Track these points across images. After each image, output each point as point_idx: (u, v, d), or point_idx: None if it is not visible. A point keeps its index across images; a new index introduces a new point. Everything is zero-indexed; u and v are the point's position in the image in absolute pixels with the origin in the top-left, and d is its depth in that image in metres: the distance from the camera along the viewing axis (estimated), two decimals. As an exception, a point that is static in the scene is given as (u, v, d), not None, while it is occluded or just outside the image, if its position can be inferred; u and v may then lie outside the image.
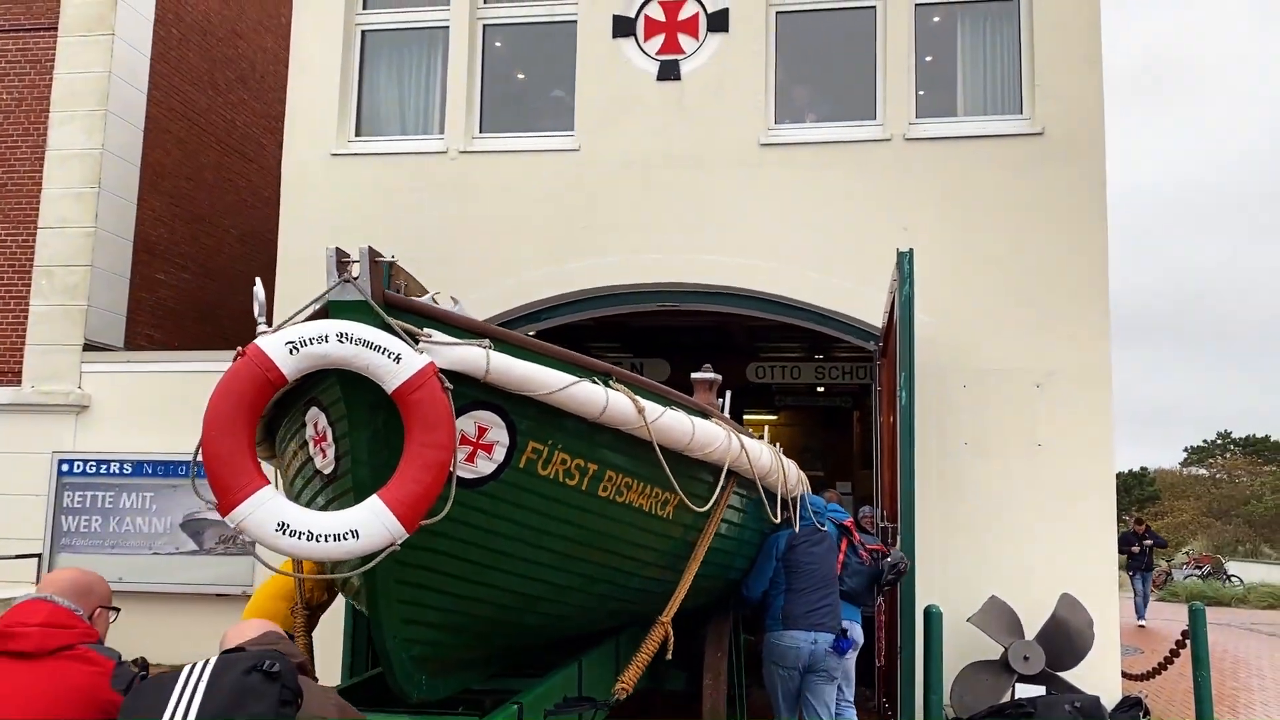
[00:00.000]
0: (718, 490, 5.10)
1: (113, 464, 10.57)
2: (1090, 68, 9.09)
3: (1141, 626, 15.97)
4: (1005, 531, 8.68)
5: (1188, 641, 8.40)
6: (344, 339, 3.40)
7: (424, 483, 3.42)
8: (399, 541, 3.39)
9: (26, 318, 11.27)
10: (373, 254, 3.54)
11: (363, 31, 10.54)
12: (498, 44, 10.46)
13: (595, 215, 9.74)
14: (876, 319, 9.03)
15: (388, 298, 3.58)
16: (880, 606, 8.56)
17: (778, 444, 6.49)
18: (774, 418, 16.48)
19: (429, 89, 10.44)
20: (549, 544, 4.32)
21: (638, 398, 4.38)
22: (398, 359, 3.43)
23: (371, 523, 3.34)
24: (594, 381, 4.20)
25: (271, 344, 3.39)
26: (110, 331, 11.54)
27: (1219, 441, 58.18)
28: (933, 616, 7.29)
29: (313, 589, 5.34)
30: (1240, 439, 57.63)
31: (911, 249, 7.46)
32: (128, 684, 2.79)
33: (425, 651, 4.05)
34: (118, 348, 11.56)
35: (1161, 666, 9.03)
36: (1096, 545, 8.63)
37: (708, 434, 4.87)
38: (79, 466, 10.63)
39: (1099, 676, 8.07)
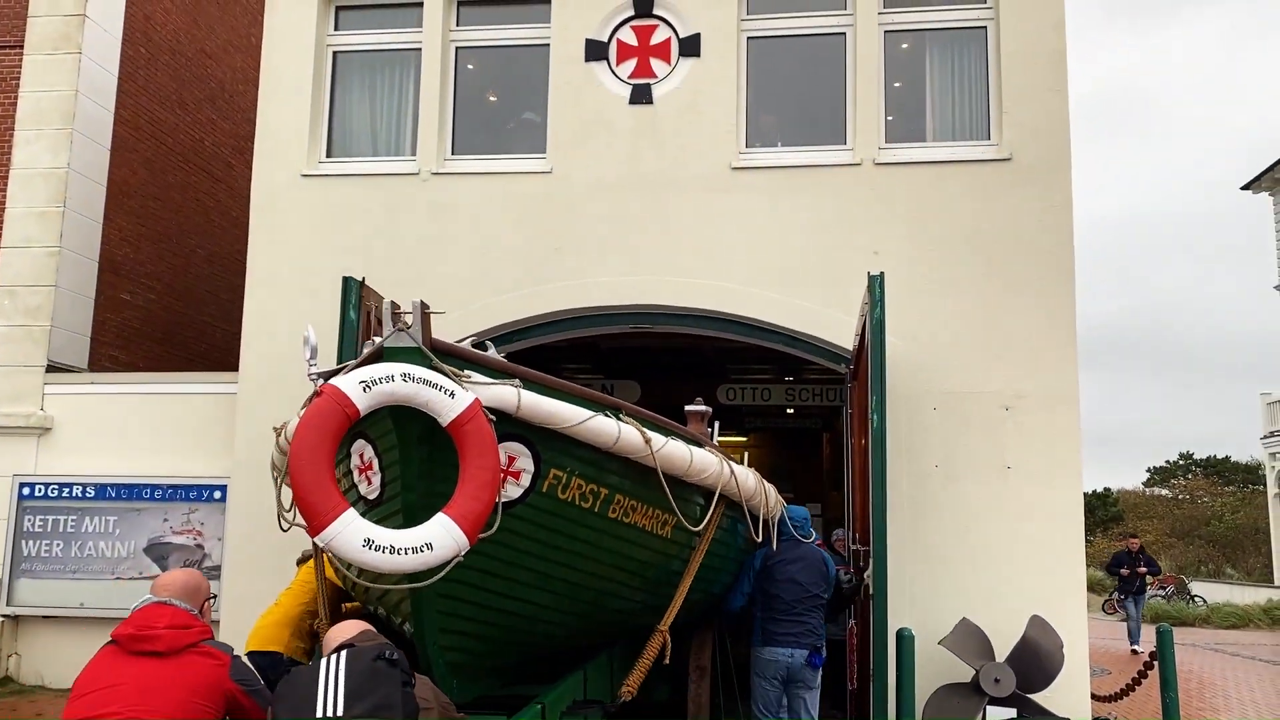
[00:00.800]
0: (710, 511, 5.77)
1: (75, 487, 10.40)
2: (1056, 95, 9.23)
3: (1136, 652, 15.29)
4: (976, 554, 8.72)
5: (1155, 662, 8.49)
6: (407, 379, 3.96)
7: (482, 500, 4.01)
8: (463, 553, 3.94)
9: (-12, 338, 11.09)
10: (423, 307, 4.14)
11: (334, 52, 10.52)
12: (470, 66, 10.47)
13: (567, 237, 9.75)
14: (847, 341, 9.08)
15: (435, 343, 4.17)
16: (852, 629, 8.58)
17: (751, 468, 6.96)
18: (743, 439, 16.54)
19: (401, 110, 10.43)
20: (566, 560, 4.95)
21: (645, 429, 5.06)
22: (452, 395, 4.02)
23: (443, 537, 3.89)
24: (607, 415, 4.89)
25: (347, 383, 3.94)
26: (73, 352, 11.38)
27: (1181, 462, 58.93)
28: (904, 639, 7.30)
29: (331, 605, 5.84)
30: (1201, 459, 58.41)
31: (883, 272, 7.52)
32: (244, 675, 3.44)
33: (457, 658, 4.66)
34: (81, 369, 11.39)
35: (1129, 688, 9.11)
36: (1066, 567, 8.69)
37: (703, 461, 5.57)
38: (40, 490, 10.44)
39: (1069, 698, 8.11)
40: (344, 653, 3.20)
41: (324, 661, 3.17)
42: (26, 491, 10.45)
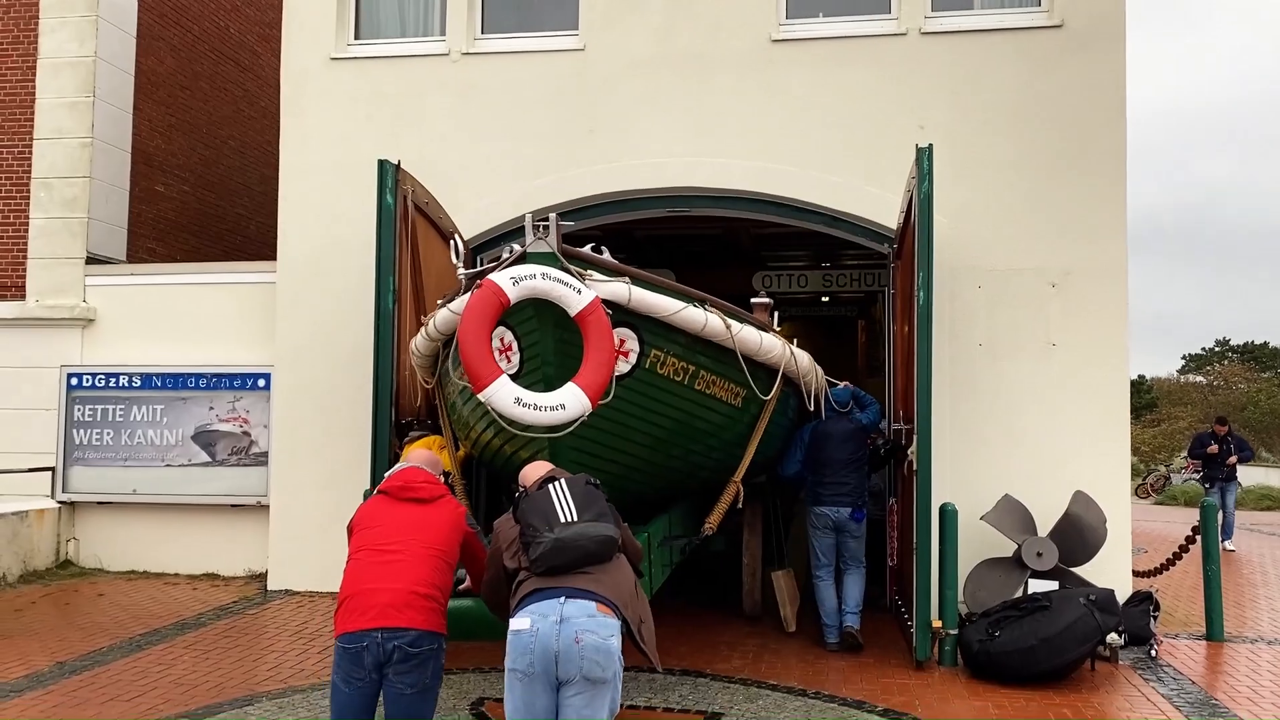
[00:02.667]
0: (775, 385, 6.92)
1: (121, 377, 10.54)
2: (1111, -44, 8.82)
3: (1230, 551, 13.14)
4: (1018, 432, 8.70)
5: (1197, 538, 8.50)
6: (545, 277, 5.04)
7: (601, 374, 5.12)
8: (587, 413, 5.05)
9: (27, 231, 11.12)
10: (558, 220, 5.30)
11: (359, -71, 10.20)
12: (498, -60, 10.14)
13: (601, 118, 9.55)
14: (891, 220, 8.92)
15: (565, 250, 5.26)
16: (892, 507, 8.63)
17: None
18: (778, 329, 16.44)
19: (428, -11, 10.16)
20: (662, 422, 6.09)
21: (726, 318, 6.26)
22: (579, 291, 5.11)
23: (572, 400, 5.01)
24: (697, 306, 6.03)
25: (501, 279, 4.98)
26: (112, 245, 11.40)
27: (1216, 349, 58.33)
28: (947, 514, 7.32)
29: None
30: (1238, 345, 57.77)
31: (931, 145, 7.31)
32: (471, 522, 4.48)
33: None
34: (120, 261, 11.43)
35: (1169, 563, 9.15)
36: (1109, 444, 8.65)
37: (770, 343, 6.78)
38: (88, 380, 10.60)
39: (1110, 573, 8.14)
40: (563, 479, 4.05)
41: (551, 487, 3.99)
42: (74, 382, 10.61)
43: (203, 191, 13.28)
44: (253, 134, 14.41)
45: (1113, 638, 7.16)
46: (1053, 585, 7.79)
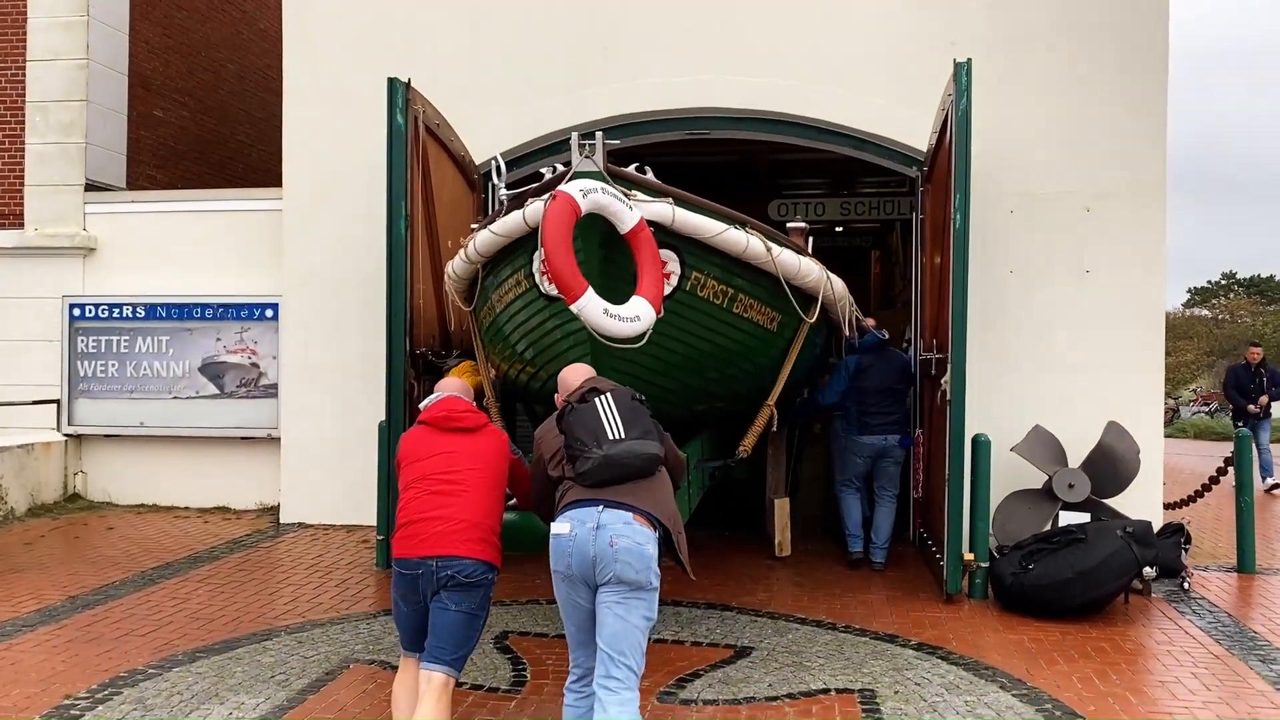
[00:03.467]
0: (816, 307, 6.80)
1: (125, 307, 10.28)
2: None
3: (1274, 491, 12.36)
4: (1049, 361, 8.46)
5: (1229, 468, 8.32)
6: (605, 193, 5.06)
7: (659, 286, 5.26)
8: (652, 324, 5.16)
9: (23, 158, 10.78)
10: (604, 139, 5.28)
11: None
12: None
13: (616, 36, 9.16)
14: (920, 142, 8.58)
15: (610, 169, 5.27)
16: (918, 439, 8.43)
17: None
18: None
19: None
20: (699, 346, 6.08)
21: (768, 240, 6.16)
22: (631, 209, 5.18)
23: (645, 310, 5.14)
24: (738, 228, 5.95)
25: (573, 190, 4.95)
26: (111, 171, 11.07)
27: (1223, 282, 57.95)
28: (980, 445, 7.11)
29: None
30: (1244, 279, 57.38)
31: (970, 59, 6.96)
32: (513, 448, 4.49)
33: None
34: (120, 188, 11.10)
35: (1199, 493, 8.98)
36: (1143, 372, 8.44)
37: (808, 267, 6.65)
38: (90, 310, 10.34)
39: (1140, 505, 7.97)
40: (609, 393, 4.00)
41: (597, 401, 3.94)
42: (77, 313, 10.36)
43: (202, 117, 12.89)
44: (252, 58, 13.97)
45: (1147, 571, 6.99)
46: (1084, 517, 7.62)
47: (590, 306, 4.94)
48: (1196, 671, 5.59)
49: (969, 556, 6.96)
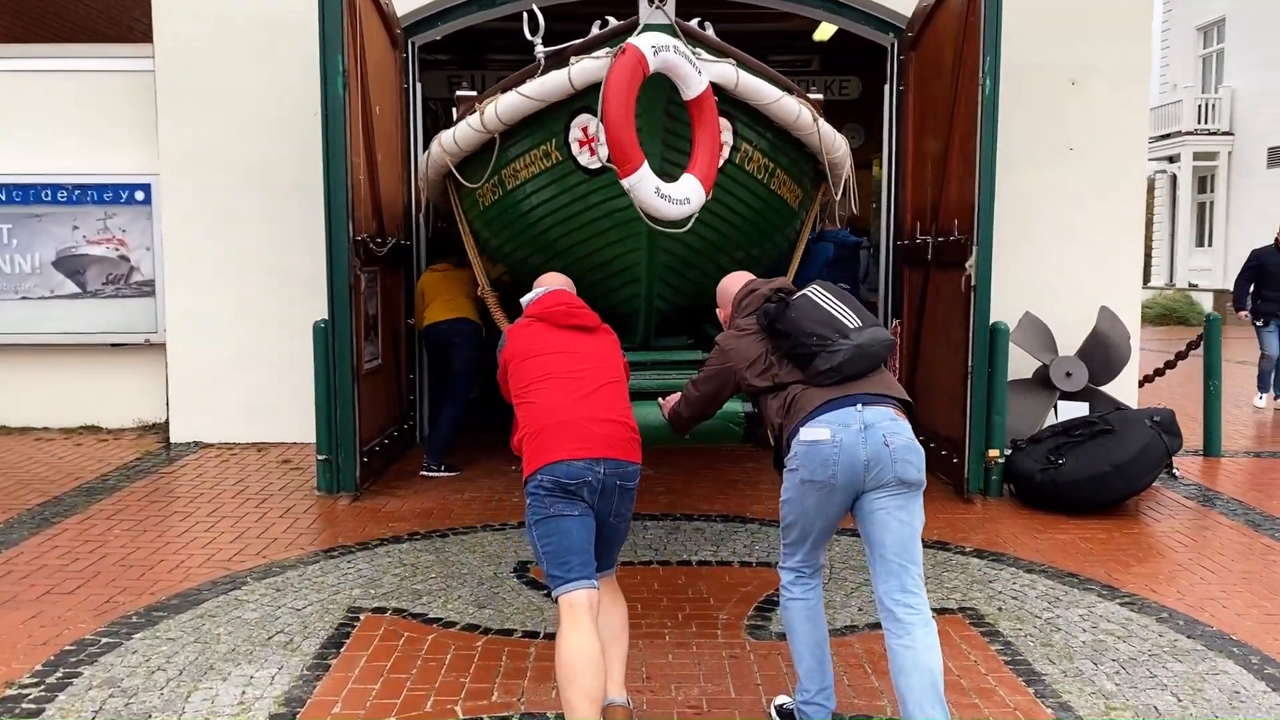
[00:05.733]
0: (843, 180, 6.34)
1: (-50, 190, 8.42)
2: None
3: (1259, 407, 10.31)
4: (1032, 244, 8.03)
5: (1200, 344, 8.22)
6: (675, 50, 4.52)
7: (713, 164, 4.76)
8: (700, 207, 4.67)
9: None
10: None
11: None
12: None
13: None
14: (901, 5, 7.84)
15: (676, 25, 4.79)
16: (896, 329, 7.93)
17: None
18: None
19: None
20: (739, 224, 5.70)
21: (817, 112, 5.80)
22: (699, 71, 4.65)
23: (695, 191, 4.61)
24: (790, 97, 5.56)
25: (643, 45, 4.41)
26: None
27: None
28: (999, 334, 6.61)
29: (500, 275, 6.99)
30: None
31: (999, -98, 6.22)
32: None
33: (663, 303, 5.73)
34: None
35: (1161, 371, 8.91)
36: (1124, 254, 8.16)
37: (839, 142, 6.18)
38: (-96, 194, 8.43)
39: (1118, 388, 7.75)
40: (818, 285, 3.50)
41: (811, 294, 3.44)
42: (-115, 197, 8.43)
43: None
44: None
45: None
46: (1082, 407, 7.33)
47: (643, 184, 4.41)
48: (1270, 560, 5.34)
49: (994, 453, 6.50)
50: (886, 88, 8.36)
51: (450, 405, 7.19)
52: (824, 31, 11.80)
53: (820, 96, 6.91)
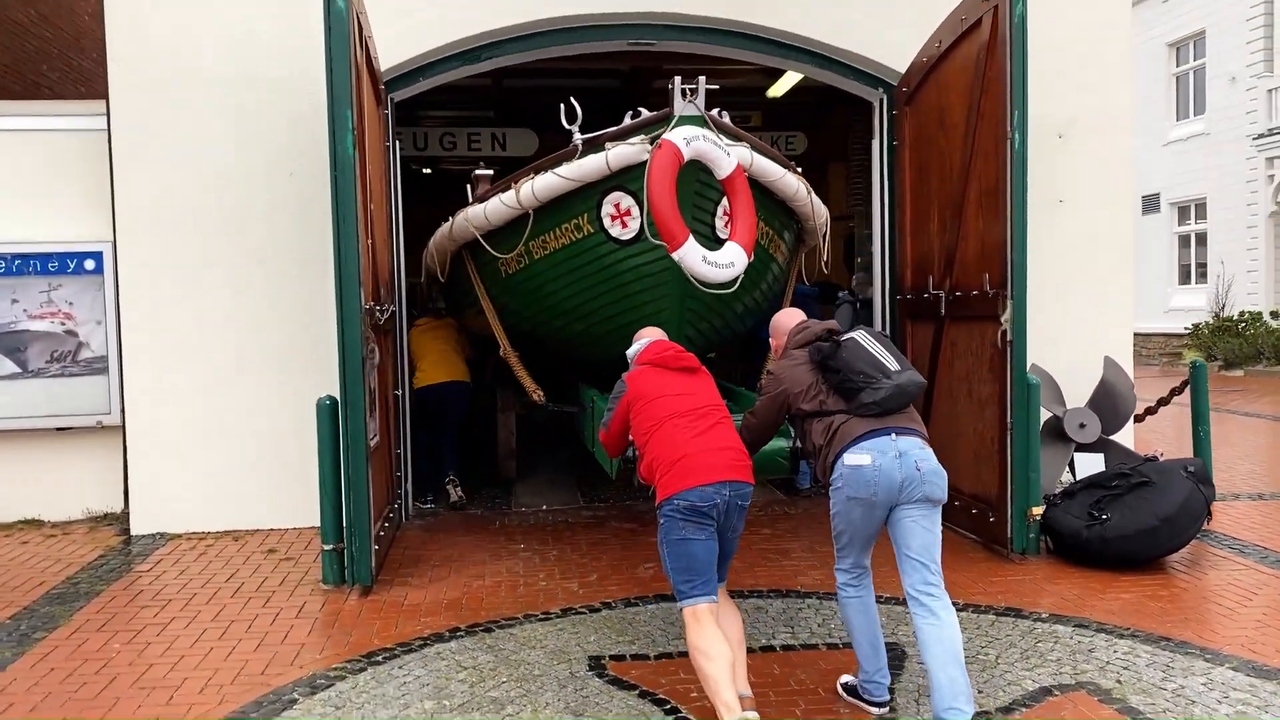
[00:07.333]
0: (825, 242, 7.22)
1: None
2: None
3: None
4: (1031, 294, 8.02)
5: (1184, 389, 8.28)
6: (706, 140, 5.21)
7: (751, 233, 5.38)
8: (744, 269, 5.31)
9: None
10: (706, 83, 5.38)
11: None
12: None
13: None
14: (895, 61, 7.82)
15: (706, 117, 5.36)
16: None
17: None
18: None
19: None
20: (745, 284, 5.80)
21: (807, 184, 6.70)
22: (728, 155, 5.36)
23: (739, 257, 5.26)
24: (790, 173, 6.45)
25: (677, 139, 5.13)
26: None
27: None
28: (1032, 388, 6.50)
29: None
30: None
31: (1023, -43, 6.21)
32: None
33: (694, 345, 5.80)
34: None
35: (1151, 410, 8.95)
36: (1115, 304, 8.23)
37: (822, 209, 7.03)
38: None
39: (1120, 437, 7.77)
40: (864, 329, 4.18)
41: (859, 338, 4.10)
42: None
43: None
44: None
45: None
46: (1098, 458, 7.29)
47: (691, 254, 5.08)
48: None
49: (1036, 511, 6.36)
50: (875, 142, 8.31)
51: (449, 438, 8.26)
52: (778, 88, 11.81)
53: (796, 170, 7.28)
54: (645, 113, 5.72)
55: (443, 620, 5.38)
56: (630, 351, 4.54)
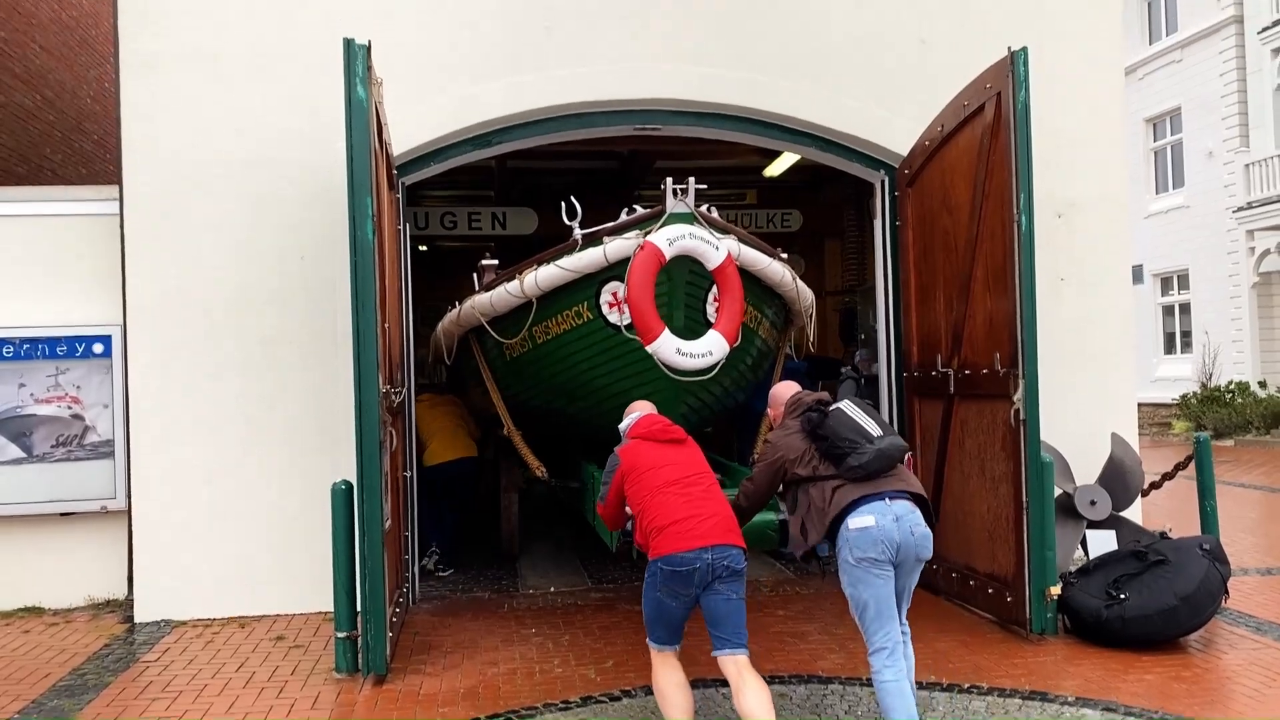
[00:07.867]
0: (812, 322, 7.83)
1: (-125, 347, 7.52)
2: None
3: None
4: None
5: (1189, 463, 8.32)
6: (693, 236, 5.72)
7: (736, 322, 5.92)
8: (725, 356, 5.84)
9: None
10: (696, 183, 5.91)
11: None
12: None
13: (560, 14, 7.84)
14: (896, 144, 7.99)
15: (696, 214, 5.87)
16: (909, 461, 7.81)
17: None
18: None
19: None
20: (737, 366, 6.53)
21: (793, 270, 7.11)
22: (717, 248, 5.82)
23: (718, 345, 5.81)
24: (776, 261, 6.84)
25: (659, 241, 5.66)
26: None
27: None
28: (1045, 467, 6.53)
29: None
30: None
31: (1026, 47, 6.39)
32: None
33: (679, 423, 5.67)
34: None
35: (1156, 484, 8.97)
36: (1118, 378, 8.32)
37: (807, 293, 7.50)
38: None
39: (1129, 513, 7.78)
40: (850, 399, 4.62)
41: (844, 408, 4.52)
42: None
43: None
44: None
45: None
46: (1109, 535, 7.30)
47: (664, 346, 5.64)
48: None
49: (1054, 590, 6.34)
50: (877, 222, 8.45)
51: (452, 514, 8.66)
52: (775, 167, 12.01)
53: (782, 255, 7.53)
54: (640, 209, 6.19)
55: (461, 711, 5.29)
56: (622, 426, 4.90)
